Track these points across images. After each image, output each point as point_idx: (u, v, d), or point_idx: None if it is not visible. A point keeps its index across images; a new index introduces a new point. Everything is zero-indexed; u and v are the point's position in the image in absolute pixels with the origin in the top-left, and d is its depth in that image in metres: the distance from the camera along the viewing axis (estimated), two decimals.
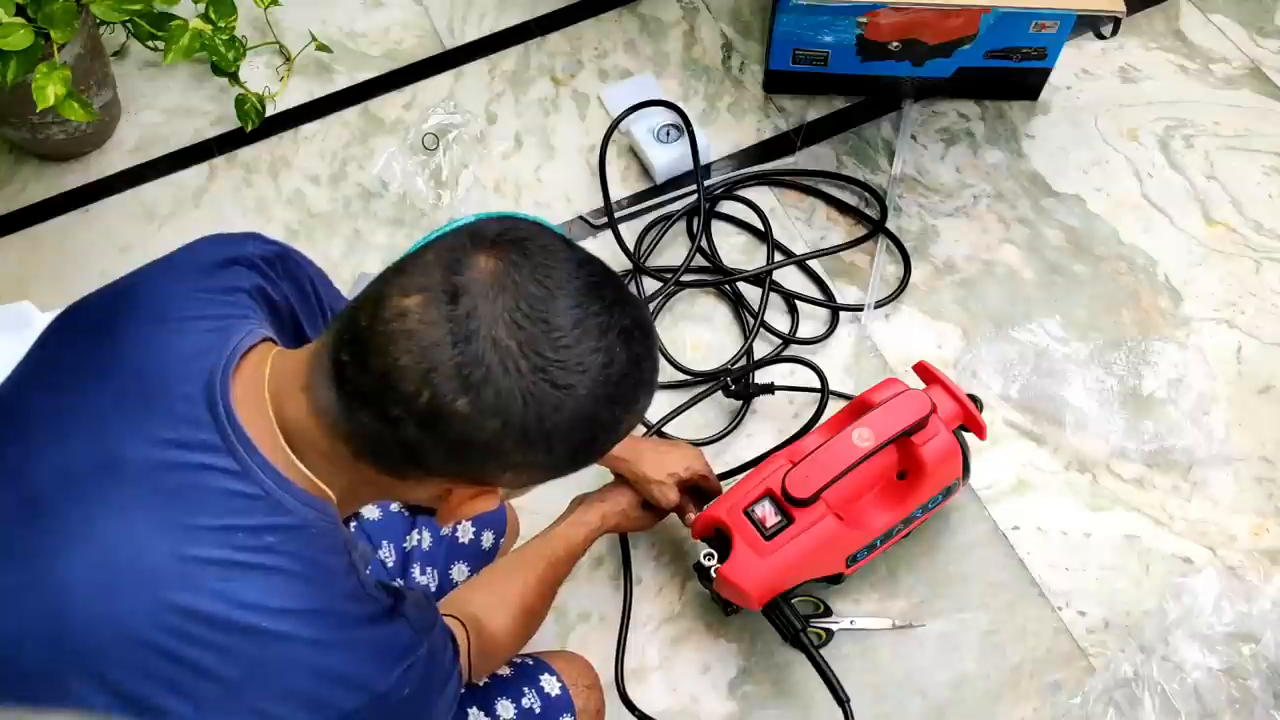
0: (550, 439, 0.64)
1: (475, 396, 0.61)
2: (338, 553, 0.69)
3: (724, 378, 1.41)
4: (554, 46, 1.78)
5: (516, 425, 0.62)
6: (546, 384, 0.62)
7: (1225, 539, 1.31)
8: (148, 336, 0.72)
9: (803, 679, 1.23)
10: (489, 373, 0.61)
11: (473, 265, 0.62)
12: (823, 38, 1.58)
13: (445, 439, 0.63)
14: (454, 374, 0.61)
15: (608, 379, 0.64)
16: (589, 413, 0.64)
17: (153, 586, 0.64)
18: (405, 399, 0.62)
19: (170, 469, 0.66)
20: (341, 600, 0.69)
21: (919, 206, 1.59)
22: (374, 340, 0.62)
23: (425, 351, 0.61)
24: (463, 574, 1.13)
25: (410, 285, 0.63)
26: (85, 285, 1.54)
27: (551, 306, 0.62)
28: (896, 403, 1.13)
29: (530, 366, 0.61)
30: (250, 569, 0.65)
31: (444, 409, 0.61)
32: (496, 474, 0.67)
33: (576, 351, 0.63)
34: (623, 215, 1.58)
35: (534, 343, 0.61)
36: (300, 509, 0.67)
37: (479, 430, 0.62)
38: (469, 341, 0.61)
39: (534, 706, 1.03)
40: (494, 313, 0.61)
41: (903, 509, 1.19)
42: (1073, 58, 1.72)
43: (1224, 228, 1.56)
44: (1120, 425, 1.36)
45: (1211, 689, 1.16)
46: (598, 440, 0.67)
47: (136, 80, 1.76)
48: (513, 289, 0.62)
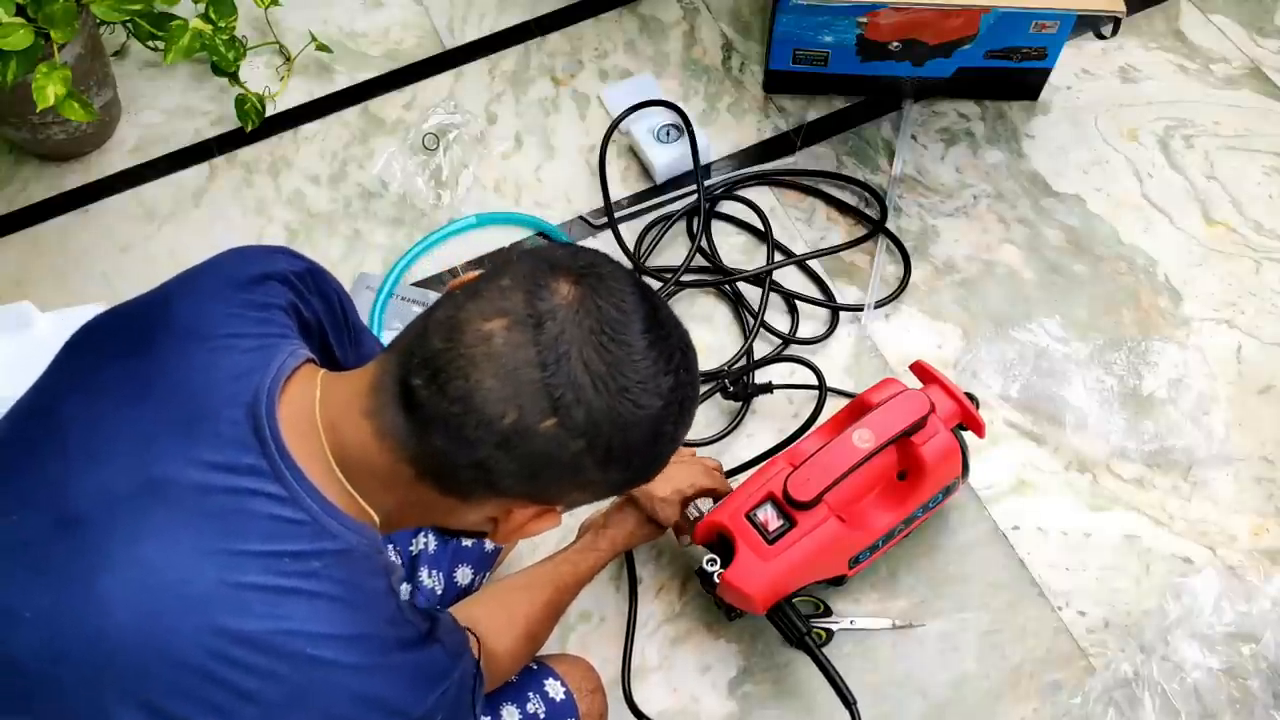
0: (629, 458, 0.67)
1: (565, 417, 0.63)
2: (379, 576, 0.70)
3: (723, 378, 1.41)
4: (554, 46, 1.78)
5: (601, 444, 0.65)
6: (630, 404, 0.65)
7: (1225, 539, 1.31)
8: (188, 354, 0.72)
9: (803, 679, 1.23)
10: (580, 394, 0.63)
11: (555, 291, 0.64)
12: (823, 38, 1.58)
13: (524, 459, 0.64)
14: (543, 395, 0.63)
15: (674, 399, 0.68)
16: (658, 432, 0.68)
17: (198, 610, 0.64)
18: (488, 421, 0.63)
19: (215, 493, 0.66)
20: (383, 625, 0.69)
21: (919, 206, 1.59)
22: (454, 364, 0.64)
23: (513, 374, 0.63)
24: (467, 577, 1.13)
25: (490, 310, 0.64)
26: (85, 285, 1.56)
27: (629, 331, 0.65)
28: (895, 403, 1.13)
29: (617, 388, 0.64)
30: (296, 594, 0.66)
31: (529, 430, 0.63)
32: (566, 492, 0.69)
33: (653, 373, 0.66)
34: (623, 215, 1.58)
35: (619, 365, 0.64)
36: (345, 534, 0.68)
37: (562, 450, 0.64)
38: (559, 364, 0.63)
39: (539, 712, 1.03)
40: (581, 336, 0.64)
41: (904, 509, 1.19)
42: (1073, 58, 1.72)
43: (1224, 228, 1.56)
44: (1120, 425, 1.36)
45: (1211, 689, 1.16)
46: (660, 458, 0.71)
47: (136, 80, 1.76)
48: (595, 313, 0.64)
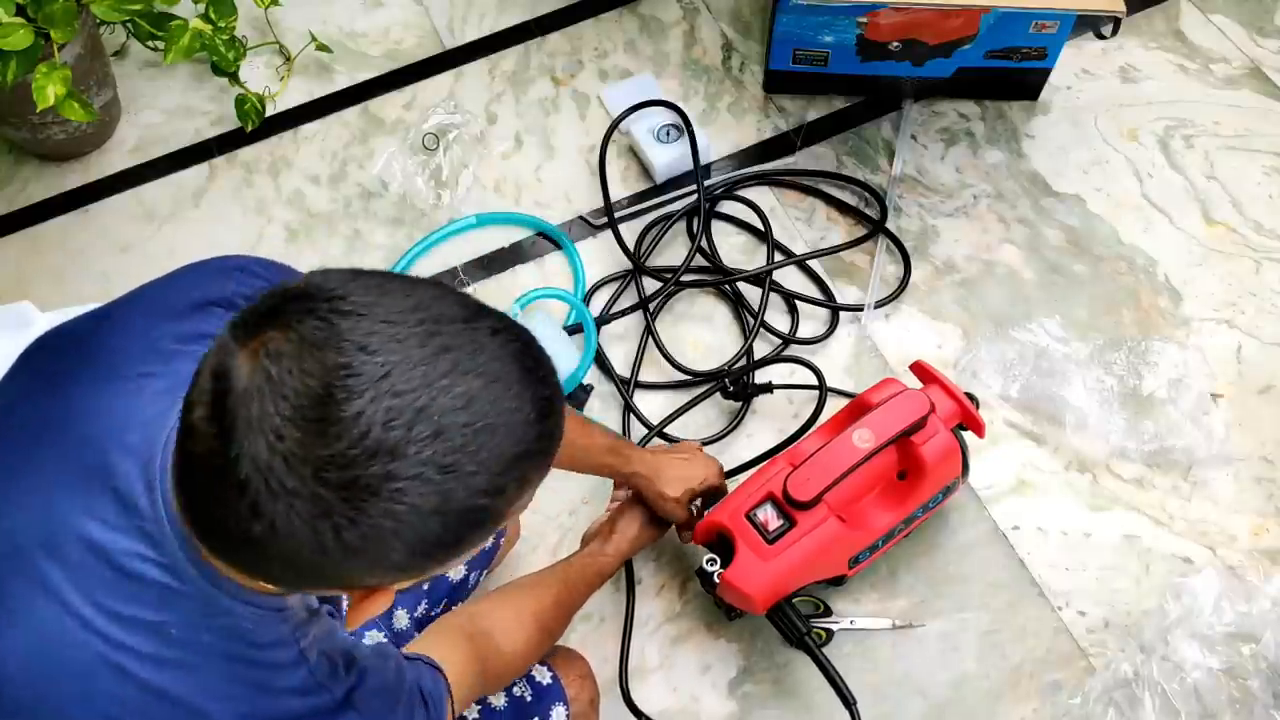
0: (368, 554, 0.53)
1: (266, 521, 0.52)
2: (284, 644, 0.64)
3: (723, 378, 1.41)
4: (554, 46, 1.78)
5: (318, 546, 0.52)
6: (336, 489, 0.51)
7: (1225, 539, 1.31)
8: (97, 394, 0.67)
9: (803, 679, 1.23)
10: (259, 496, 0.51)
11: (235, 366, 0.52)
12: (823, 38, 1.58)
13: (276, 563, 0.55)
14: (238, 500, 0.52)
15: (438, 455, 0.52)
16: (419, 508, 0.52)
17: (81, 679, 0.61)
18: (221, 516, 0.54)
19: (106, 554, 0.62)
20: (282, 697, 0.64)
21: (919, 206, 1.59)
22: (185, 466, 0.56)
23: (211, 473, 0.53)
24: (460, 573, 1.13)
25: (194, 398, 0.54)
26: (85, 285, 1.56)
27: (329, 398, 0.50)
28: (895, 403, 1.13)
29: (301, 483, 0.50)
30: (180, 666, 0.61)
31: (248, 534, 0.53)
32: (358, 583, 0.59)
33: (373, 439, 0.50)
34: (623, 215, 1.58)
35: (304, 449, 0.50)
36: (235, 606, 0.62)
37: (292, 553, 0.53)
38: (235, 465, 0.51)
39: (525, 695, 1.02)
40: (252, 425, 0.51)
41: (904, 509, 1.19)
42: (1073, 58, 1.72)
43: (1224, 228, 1.56)
44: (1120, 425, 1.36)
45: (1211, 689, 1.16)
46: (457, 528, 0.55)
47: (136, 80, 1.76)
48: (275, 388, 0.51)
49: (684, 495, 1.17)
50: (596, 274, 1.53)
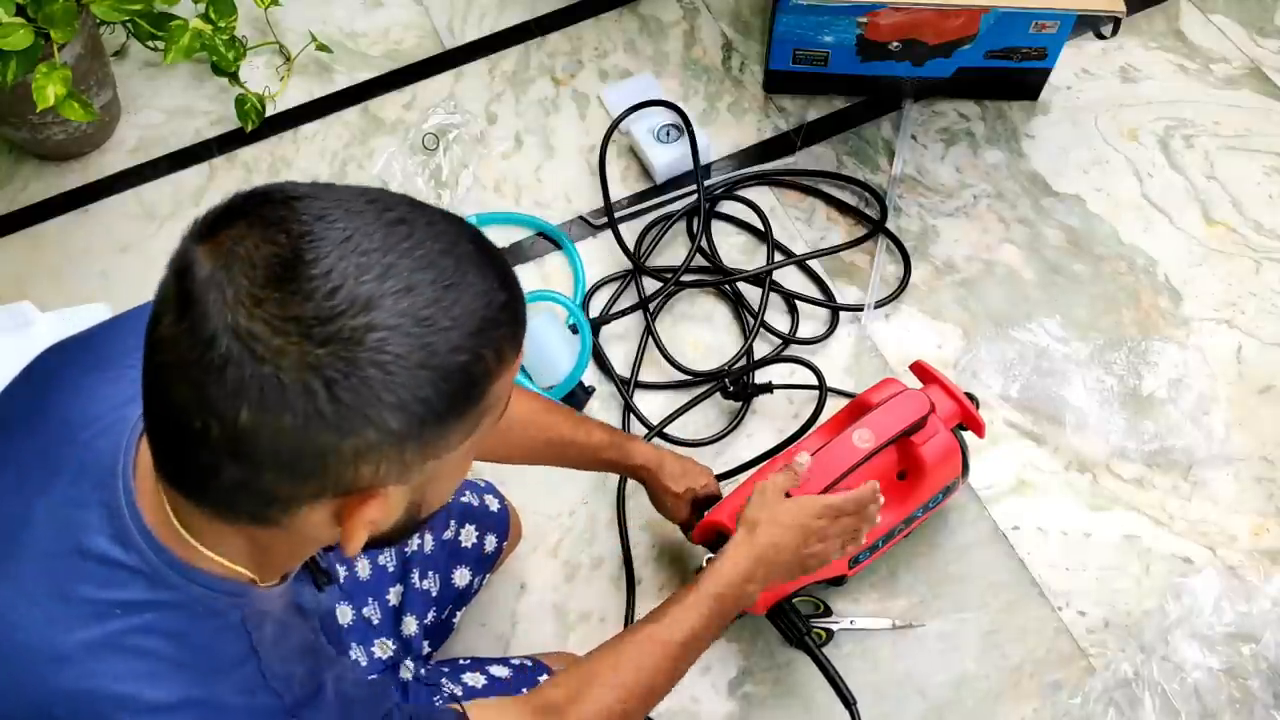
0: (364, 413, 0.52)
1: (249, 401, 0.50)
2: (232, 635, 0.62)
3: (723, 379, 1.41)
4: (554, 46, 1.78)
5: (307, 412, 0.51)
6: (318, 346, 0.50)
7: (1225, 539, 1.31)
8: (83, 384, 0.67)
9: (803, 679, 1.23)
10: (243, 367, 0.50)
11: (195, 260, 0.52)
12: (823, 38, 1.58)
13: (263, 461, 0.52)
14: (219, 388, 0.50)
15: (414, 309, 0.52)
16: (406, 358, 0.52)
17: (26, 663, 0.59)
18: (201, 437, 0.52)
19: (64, 530, 0.61)
20: (225, 692, 0.61)
21: (919, 206, 1.59)
22: (154, 389, 0.54)
23: (185, 376, 0.51)
24: (464, 579, 1.12)
25: (155, 310, 0.53)
26: (85, 285, 1.56)
27: (297, 255, 0.51)
28: (895, 403, 1.13)
29: (286, 340, 0.50)
30: (120, 651, 0.59)
31: (235, 430, 0.51)
32: (351, 475, 0.55)
33: (347, 291, 0.51)
34: (623, 215, 1.58)
35: (282, 307, 0.50)
36: (185, 585, 0.60)
37: (280, 436, 0.51)
38: (211, 345, 0.50)
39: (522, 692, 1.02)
40: (224, 303, 0.50)
41: (904, 509, 1.19)
42: (1073, 58, 1.72)
43: (1224, 228, 1.56)
44: (1120, 425, 1.36)
45: (1211, 689, 1.16)
46: (447, 384, 0.54)
47: (136, 80, 1.76)
48: (243, 261, 0.51)
49: (686, 493, 1.17)
50: (596, 274, 1.53)
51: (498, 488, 1.23)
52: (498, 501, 1.19)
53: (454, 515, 1.13)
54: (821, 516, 1.01)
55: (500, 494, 1.21)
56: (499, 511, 1.19)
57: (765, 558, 0.98)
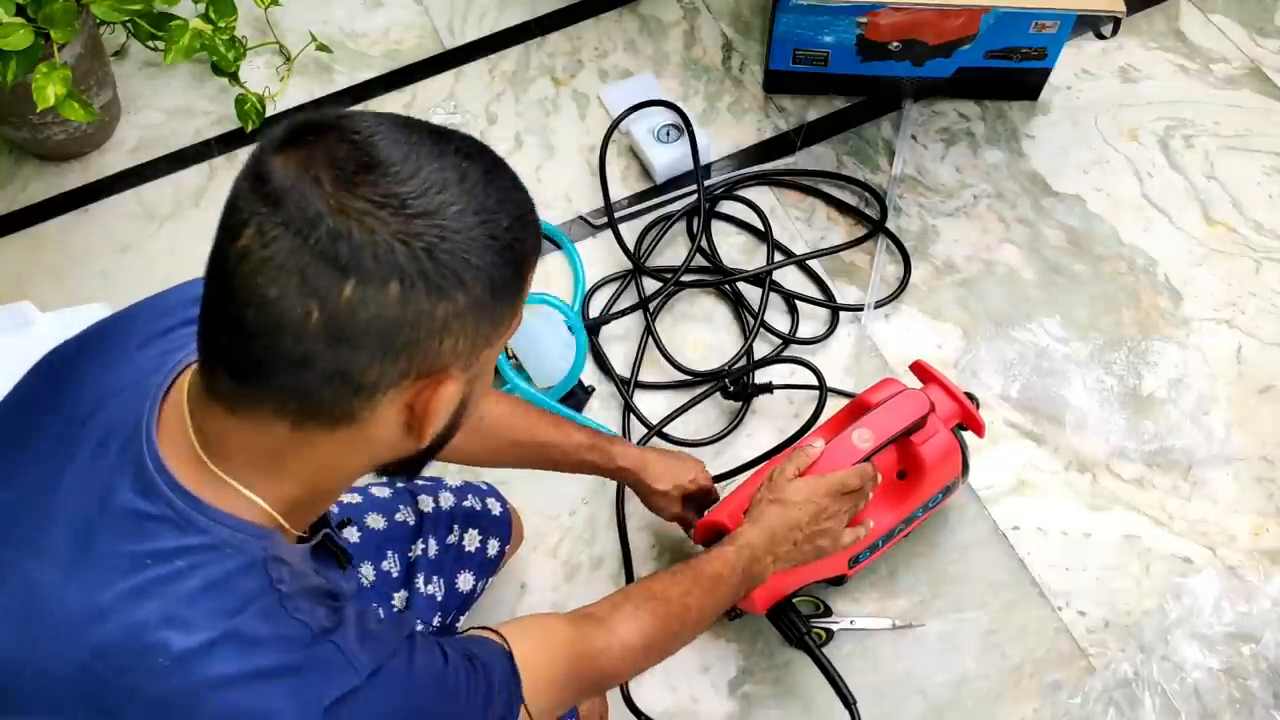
0: (458, 275, 0.58)
1: (357, 272, 0.56)
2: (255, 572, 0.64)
3: (723, 379, 1.41)
4: (554, 46, 1.78)
5: (412, 274, 0.57)
6: (413, 218, 0.57)
7: (1225, 539, 1.31)
8: (102, 365, 0.70)
9: (803, 679, 1.23)
10: (352, 239, 0.55)
11: (274, 169, 0.57)
12: (823, 38, 1.58)
13: (363, 340, 0.57)
14: (324, 267, 0.55)
15: (473, 192, 0.59)
16: (477, 232, 0.59)
17: (63, 623, 0.61)
18: (299, 327, 0.56)
19: (92, 492, 0.63)
20: (252, 625, 0.62)
21: (919, 206, 1.59)
22: (235, 300, 0.57)
23: (284, 267, 0.56)
24: (468, 583, 1.12)
25: (231, 229, 0.57)
26: (85, 285, 1.56)
27: (371, 153, 0.57)
28: (895, 403, 1.13)
29: (389, 212, 0.56)
30: (154, 597, 0.61)
31: (337, 308, 0.56)
32: (435, 349, 0.60)
33: (422, 176, 0.57)
34: (623, 215, 1.58)
35: (375, 188, 0.56)
36: (212, 527, 0.62)
37: (383, 306, 0.57)
38: (315, 226, 0.55)
39: None
40: (321, 190, 0.56)
41: (904, 508, 1.19)
42: (1073, 58, 1.72)
43: (1224, 228, 1.56)
44: (1120, 425, 1.36)
45: (1211, 689, 1.16)
46: (506, 258, 0.61)
47: (136, 80, 1.76)
48: (325, 160, 0.57)
49: (674, 491, 1.17)
50: (596, 274, 1.53)
51: (499, 490, 1.23)
52: (500, 505, 1.19)
53: (458, 520, 1.13)
54: (830, 494, 1.04)
55: (502, 497, 1.21)
56: (501, 515, 1.19)
57: (780, 534, 1.02)
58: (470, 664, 0.72)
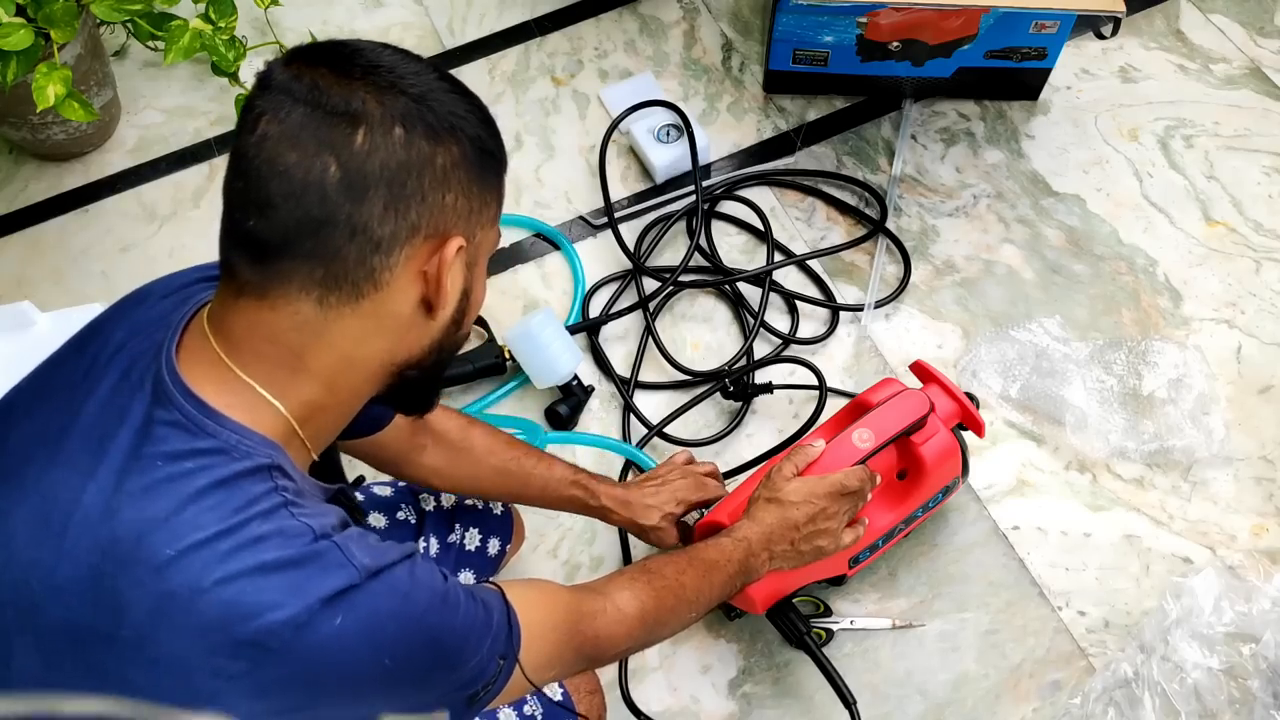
0: (449, 121, 0.66)
1: (366, 119, 0.63)
2: (260, 476, 0.65)
3: (723, 379, 1.41)
4: (554, 46, 1.78)
5: (413, 117, 0.64)
6: (404, 78, 0.65)
7: (1225, 539, 1.31)
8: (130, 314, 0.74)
9: (803, 679, 1.23)
10: (357, 93, 0.63)
11: (278, 73, 0.65)
12: (823, 38, 1.58)
13: (377, 188, 0.64)
14: (335, 121, 0.63)
15: (441, 74, 0.68)
16: (459, 102, 0.68)
17: (77, 528, 0.63)
18: (320, 184, 0.63)
19: (112, 411, 0.66)
20: (254, 519, 0.64)
21: (919, 206, 1.59)
22: (259, 180, 0.63)
23: (300, 133, 0.63)
24: (469, 581, 1.12)
25: (247, 126, 0.64)
26: (85, 285, 1.56)
27: (358, 47, 0.66)
28: (895, 402, 1.13)
29: (381, 72, 0.65)
30: (162, 495, 0.63)
31: (351, 157, 0.63)
32: (439, 202, 0.66)
33: (399, 56, 0.67)
34: (623, 215, 1.58)
35: (365, 60, 0.65)
36: (221, 432, 0.65)
37: (391, 151, 0.64)
38: (324, 93, 0.63)
39: (536, 714, 1.02)
40: (321, 71, 0.64)
41: (904, 508, 1.19)
42: (1073, 58, 1.72)
43: (1224, 228, 1.56)
44: (1120, 425, 1.36)
45: (1211, 689, 1.16)
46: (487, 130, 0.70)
47: (136, 80, 1.76)
48: (323, 56, 0.65)
49: (663, 521, 1.16)
50: (596, 274, 1.53)
51: None
52: (501, 505, 1.20)
53: (459, 518, 1.14)
54: (829, 495, 1.04)
55: None
56: (502, 514, 1.19)
57: (777, 533, 1.01)
58: (470, 595, 0.73)
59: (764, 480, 1.07)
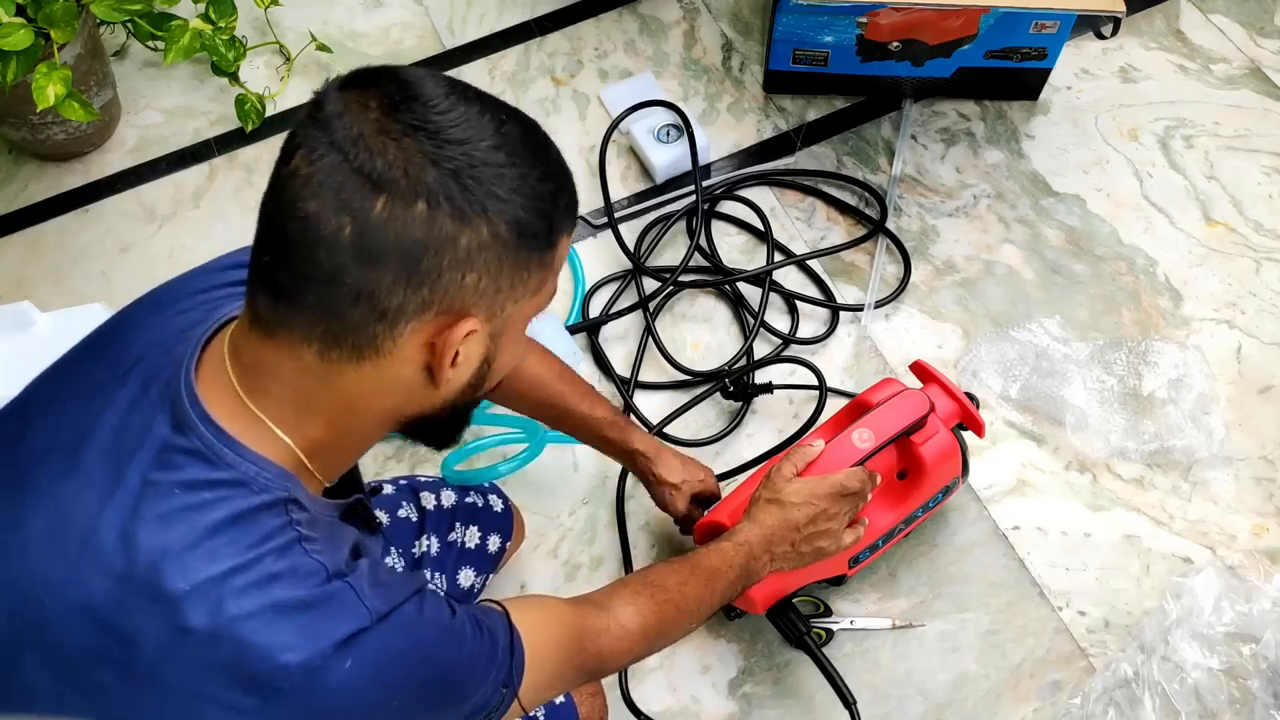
0: (483, 204, 0.61)
1: (389, 188, 0.59)
2: (275, 511, 0.65)
3: (723, 379, 1.41)
4: (554, 46, 1.78)
5: (439, 194, 0.59)
6: (447, 144, 0.60)
7: (1225, 539, 1.31)
8: (150, 320, 0.73)
9: (803, 679, 1.23)
10: (388, 156, 0.59)
11: (329, 103, 0.61)
12: (823, 38, 1.58)
13: (389, 260, 0.60)
14: (359, 182, 0.59)
15: (508, 137, 0.63)
16: (507, 170, 0.62)
17: (95, 547, 0.63)
18: (333, 241, 0.59)
19: (129, 427, 0.66)
20: (269, 556, 0.64)
21: (919, 206, 1.59)
22: (281, 217, 0.61)
23: (324, 183, 0.59)
24: (469, 579, 1.12)
25: (286, 154, 0.62)
26: (85, 285, 1.56)
27: (419, 91, 0.61)
28: (895, 402, 1.13)
29: (424, 134, 0.60)
30: (180, 525, 0.63)
31: (368, 224, 0.59)
32: (457, 283, 0.62)
33: (460, 112, 0.61)
34: (623, 215, 1.58)
35: (415, 115, 0.60)
36: (240, 464, 0.65)
37: (409, 225, 0.59)
38: (357, 146, 0.59)
39: (537, 715, 1.02)
40: (368, 116, 0.60)
41: (904, 508, 1.19)
42: (1073, 58, 1.72)
43: (1224, 228, 1.56)
44: (1120, 425, 1.36)
45: (1211, 689, 1.16)
46: (534, 205, 0.64)
47: (136, 80, 1.76)
48: (377, 94, 0.61)
49: (684, 486, 1.17)
50: (596, 274, 1.53)
51: (501, 487, 1.23)
52: (501, 502, 1.20)
53: (459, 516, 1.14)
54: (829, 495, 1.04)
55: (504, 494, 1.22)
56: (502, 512, 1.19)
57: (778, 534, 1.02)
58: (477, 624, 0.74)
59: (764, 481, 1.07)
